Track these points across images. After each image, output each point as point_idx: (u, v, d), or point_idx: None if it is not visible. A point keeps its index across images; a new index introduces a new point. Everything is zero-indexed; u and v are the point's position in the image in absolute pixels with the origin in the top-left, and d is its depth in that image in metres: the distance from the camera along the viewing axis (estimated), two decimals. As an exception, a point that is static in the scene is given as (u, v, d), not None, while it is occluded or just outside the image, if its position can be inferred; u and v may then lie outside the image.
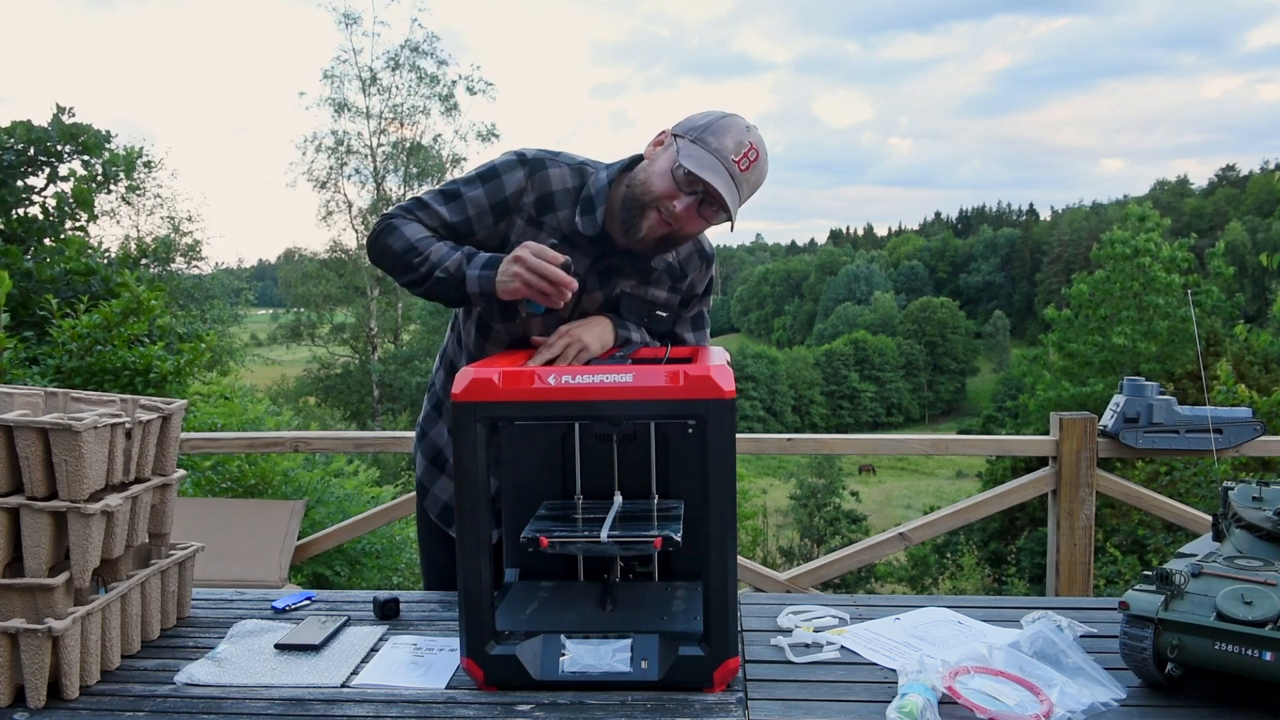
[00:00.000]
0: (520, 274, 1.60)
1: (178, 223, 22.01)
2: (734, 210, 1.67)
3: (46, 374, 4.46)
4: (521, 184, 1.76)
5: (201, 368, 5.75)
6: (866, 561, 3.84)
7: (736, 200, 1.68)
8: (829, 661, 1.50)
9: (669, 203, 1.67)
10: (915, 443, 3.74)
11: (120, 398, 1.63)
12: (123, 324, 4.79)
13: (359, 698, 1.38)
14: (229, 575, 3.63)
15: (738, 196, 1.68)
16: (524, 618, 1.49)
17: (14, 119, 5.56)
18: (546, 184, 1.77)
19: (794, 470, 34.85)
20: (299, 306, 27.55)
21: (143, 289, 5.01)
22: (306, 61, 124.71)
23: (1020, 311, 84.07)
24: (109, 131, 6.07)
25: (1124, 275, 21.70)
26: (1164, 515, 3.55)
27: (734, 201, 1.67)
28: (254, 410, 7.52)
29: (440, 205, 1.77)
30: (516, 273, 1.60)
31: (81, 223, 5.76)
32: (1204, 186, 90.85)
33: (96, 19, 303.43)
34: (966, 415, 63.58)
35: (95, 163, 5.88)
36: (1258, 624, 1.23)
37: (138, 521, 1.56)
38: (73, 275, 5.37)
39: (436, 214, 1.76)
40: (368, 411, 25.55)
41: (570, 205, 1.78)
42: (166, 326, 5.23)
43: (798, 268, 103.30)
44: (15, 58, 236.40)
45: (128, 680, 1.46)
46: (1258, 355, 12.99)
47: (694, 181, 1.65)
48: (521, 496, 1.65)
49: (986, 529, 17.96)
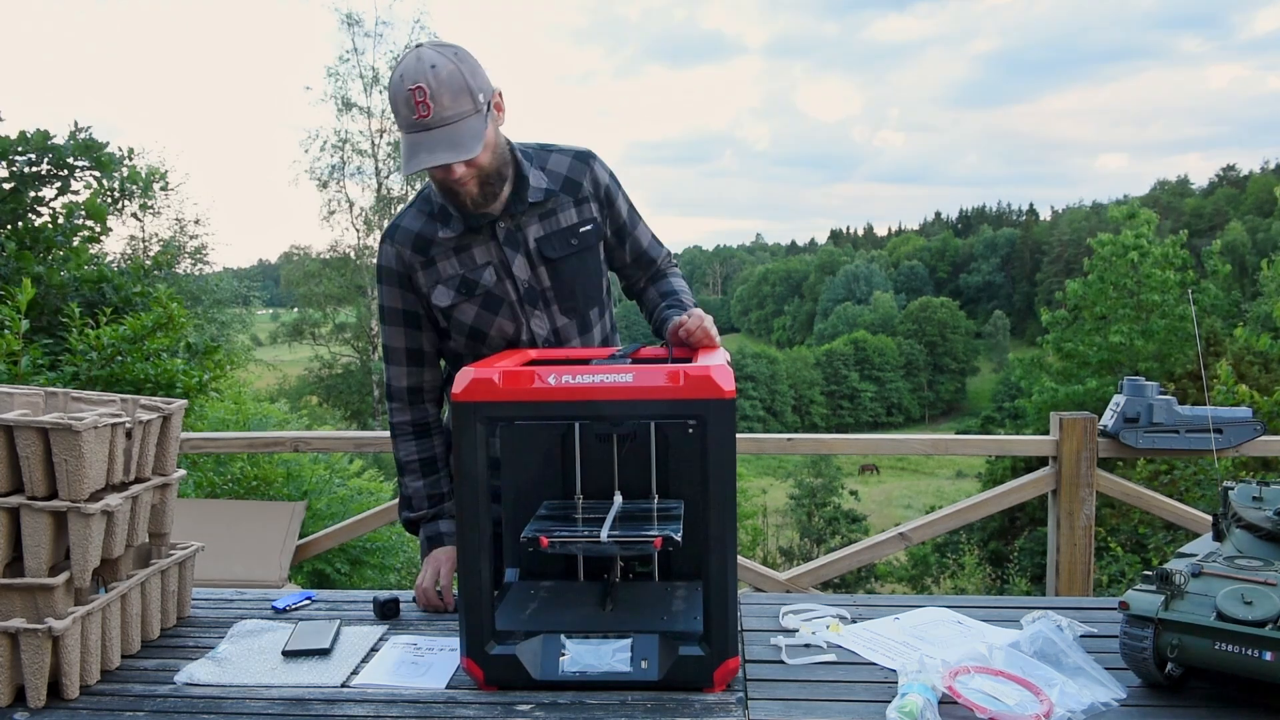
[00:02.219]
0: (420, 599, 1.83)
1: (184, 224, 22.02)
2: (452, 151, 1.66)
3: (64, 380, 4.46)
4: (393, 252, 1.89)
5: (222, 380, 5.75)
6: (866, 561, 3.84)
7: (450, 136, 1.65)
8: (829, 661, 1.50)
9: (445, 179, 1.74)
10: (915, 443, 3.74)
11: (120, 398, 1.63)
12: (149, 337, 4.80)
13: (359, 698, 1.38)
14: (229, 575, 3.63)
15: (448, 132, 1.65)
16: (524, 618, 1.49)
17: (25, 128, 5.53)
18: (408, 235, 1.88)
19: (792, 470, 34.85)
20: (301, 306, 27.58)
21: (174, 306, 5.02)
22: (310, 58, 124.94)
23: (1020, 311, 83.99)
24: (130, 149, 6.06)
25: (1116, 273, 21.70)
26: (1164, 515, 3.55)
27: (449, 145, 1.65)
28: (266, 410, 7.54)
29: (390, 340, 1.95)
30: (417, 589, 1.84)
31: (94, 233, 5.74)
32: (1204, 186, 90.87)
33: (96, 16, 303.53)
34: (966, 415, 63.56)
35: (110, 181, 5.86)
36: (1258, 624, 1.23)
37: (138, 521, 1.56)
38: (83, 282, 5.37)
39: (393, 352, 1.95)
40: (368, 411, 25.55)
41: (434, 229, 1.87)
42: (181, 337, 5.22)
43: (797, 268, 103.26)
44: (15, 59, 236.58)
45: (128, 680, 1.46)
46: (1258, 355, 12.98)
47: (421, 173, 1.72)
48: (521, 496, 1.65)
49: (986, 529, 17.96)
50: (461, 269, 1.86)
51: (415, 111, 1.64)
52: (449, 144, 1.65)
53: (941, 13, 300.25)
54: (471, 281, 1.85)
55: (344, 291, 27.03)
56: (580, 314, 1.92)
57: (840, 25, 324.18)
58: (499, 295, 1.86)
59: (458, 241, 1.86)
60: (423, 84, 1.64)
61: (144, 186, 6.46)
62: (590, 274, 1.93)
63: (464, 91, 1.67)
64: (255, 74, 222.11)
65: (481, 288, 1.85)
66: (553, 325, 1.90)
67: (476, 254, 1.86)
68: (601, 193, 1.95)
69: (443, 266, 1.86)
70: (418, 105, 1.64)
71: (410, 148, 1.67)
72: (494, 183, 1.78)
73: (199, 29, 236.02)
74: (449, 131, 1.65)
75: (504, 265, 1.86)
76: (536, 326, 1.89)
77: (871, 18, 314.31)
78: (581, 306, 1.92)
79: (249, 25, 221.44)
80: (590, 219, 1.92)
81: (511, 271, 1.86)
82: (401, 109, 1.66)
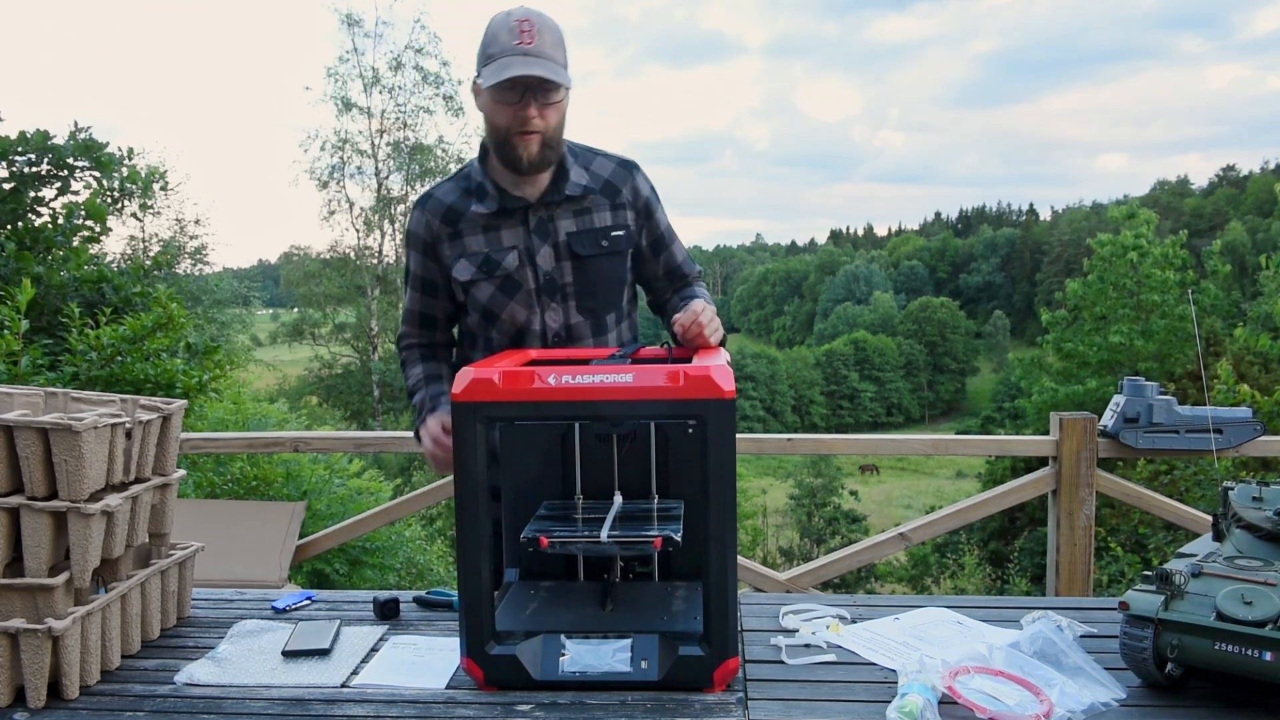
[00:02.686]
0: (429, 452, 1.87)
1: (184, 225, 22.03)
2: (555, 75, 1.72)
3: (64, 380, 4.45)
4: (422, 219, 1.94)
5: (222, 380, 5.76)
6: (866, 561, 3.84)
7: (548, 64, 1.72)
8: (829, 661, 1.50)
9: (515, 120, 1.76)
10: (915, 443, 3.74)
11: (120, 398, 1.63)
12: (149, 337, 4.80)
13: (359, 698, 1.38)
14: (229, 575, 3.63)
15: (546, 62, 1.72)
16: (524, 618, 1.49)
17: (25, 128, 5.52)
18: (440, 204, 1.93)
19: (792, 470, 34.84)
20: (301, 306, 27.58)
21: (174, 306, 5.02)
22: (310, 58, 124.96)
23: (1020, 311, 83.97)
24: (130, 149, 6.06)
25: (1116, 273, 21.71)
26: (1164, 515, 3.55)
27: (546, 68, 1.71)
28: (265, 410, 7.53)
29: (409, 302, 2.03)
30: (428, 450, 1.88)
31: (94, 233, 5.74)
32: (1204, 186, 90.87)
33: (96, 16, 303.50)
34: (966, 415, 63.55)
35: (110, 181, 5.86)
36: (1258, 624, 1.23)
37: (138, 521, 1.56)
38: (82, 282, 5.36)
39: (410, 314, 2.04)
40: (368, 411, 25.55)
41: (469, 203, 1.91)
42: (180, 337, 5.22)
43: (797, 268, 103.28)
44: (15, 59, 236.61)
45: (128, 680, 1.46)
46: (1258, 355, 12.98)
47: (509, 88, 1.73)
48: (521, 496, 1.65)
49: (986, 529, 17.96)
50: (486, 247, 1.88)
51: (520, 39, 1.70)
52: (546, 71, 1.71)
53: (941, 13, 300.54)
54: (494, 261, 1.87)
55: (344, 292, 27.03)
56: (597, 315, 1.93)
57: (840, 25, 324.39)
58: (518, 280, 1.88)
59: (488, 220, 1.89)
60: (532, 19, 1.72)
61: (144, 186, 6.46)
62: (614, 278, 1.93)
63: (560, 47, 1.77)
64: (255, 74, 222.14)
65: (502, 269, 1.87)
66: (567, 320, 1.91)
67: (504, 236, 1.88)
68: (640, 203, 1.97)
69: (469, 241, 1.89)
70: (523, 34, 1.71)
71: (505, 64, 1.71)
72: (552, 149, 1.82)
73: (199, 29, 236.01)
74: (546, 63, 1.72)
75: (529, 252, 1.88)
76: (550, 319, 1.90)
77: (871, 18, 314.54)
78: (599, 308, 1.92)
79: (249, 25, 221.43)
80: (624, 225, 1.94)
81: (535, 260, 1.88)
82: (503, 36, 1.72)
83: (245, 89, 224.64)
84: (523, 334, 1.91)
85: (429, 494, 3.83)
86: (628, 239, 1.94)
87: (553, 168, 1.87)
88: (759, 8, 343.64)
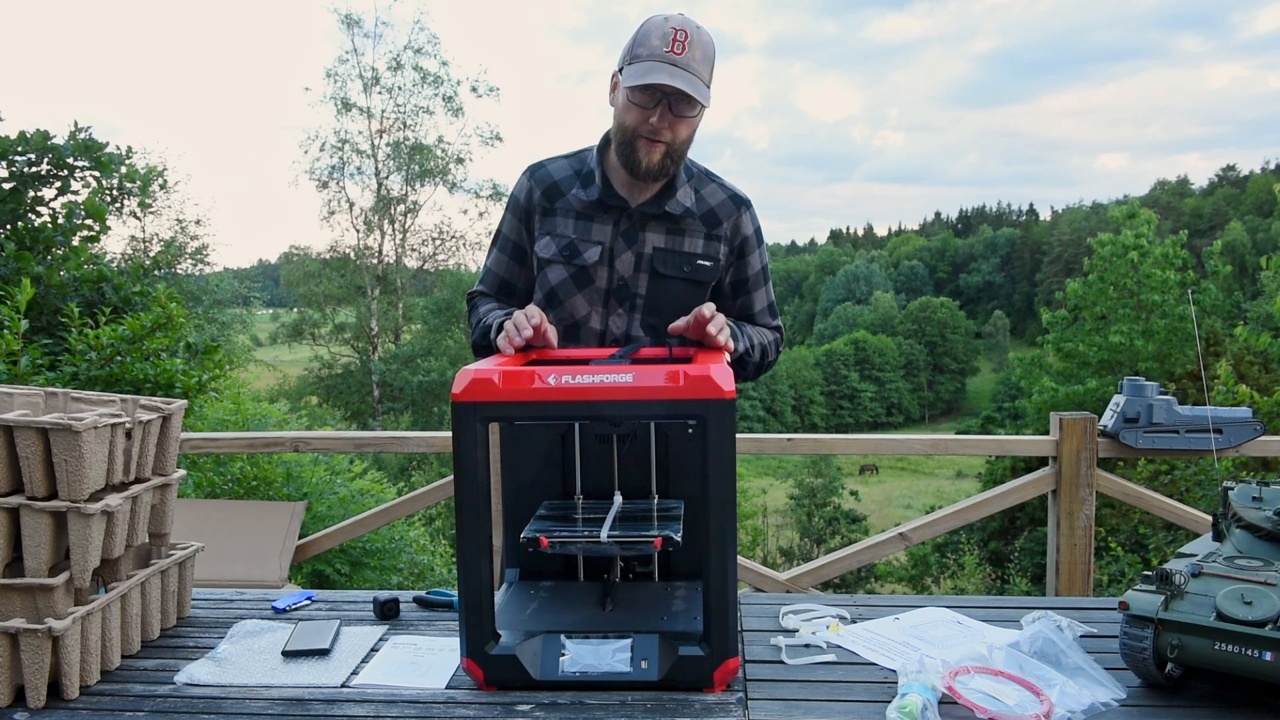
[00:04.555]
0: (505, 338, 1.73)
1: (184, 225, 22.04)
2: (696, 91, 1.71)
3: (63, 380, 4.45)
4: (526, 185, 1.95)
5: (222, 380, 5.76)
6: (866, 561, 3.84)
7: (692, 80, 1.71)
8: (829, 661, 1.50)
9: (644, 125, 1.75)
10: (915, 443, 3.74)
11: (120, 398, 1.63)
12: (149, 337, 4.80)
13: (359, 698, 1.38)
14: (229, 575, 3.63)
15: (691, 77, 1.71)
16: (524, 618, 1.49)
17: (25, 128, 5.53)
18: (547, 177, 1.94)
19: (792, 470, 34.84)
20: (301, 306, 27.59)
21: (174, 306, 5.02)
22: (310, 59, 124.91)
23: (1020, 311, 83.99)
24: (129, 148, 6.07)
25: (1116, 273, 21.71)
26: (1164, 515, 3.55)
27: (690, 83, 1.70)
28: (265, 410, 7.53)
29: (493, 264, 2.03)
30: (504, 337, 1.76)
31: (94, 232, 5.74)
32: (1204, 186, 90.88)
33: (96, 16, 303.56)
34: (966, 415, 63.54)
35: (109, 180, 5.86)
36: (1258, 624, 1.23)
37: (138, 521, 1.56)
38: (82, 282, 5.37)
39: (489, 276, 2.03)
40: (368, 411, 25.56)
41: (574, 186, 1.92)
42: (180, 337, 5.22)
43: (798, 268, 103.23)
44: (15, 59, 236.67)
45: (128, 680, 1.46)
46: (1258, 355, 12.99)
47: (647, 92, 1.72)
48: (521, 496, 1.65)
49: (986, 529, 17.97)
50: (574, 234, 1.89)
51: (671, 47, 1.69)
52: (688, 85, 1.70)
53: (941, 12, 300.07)
54: (576, 250, 1.88)
55: (344, 292, 27.06)
56: (658, 331, 1.91)
57: (839, 25, 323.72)
58: (591, 276, 1.88)
59: (584, 208, 1.89)
60: (688, 30, 1.70)
61: (143, 184, 6.47)
62: (687, 303, 1.86)
63: (708, 64, 1.75)
64: (255, 75, 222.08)
65: (581, 260, 1.88)
66: (628, 330, 1.90)
67: (594, 229, 1.89)
68: (738, 241, 1.95)
69: (560, 222, 1.90)
70: (675, 43, 1.69)
71: (650, 68, 1.69)
72: (673, 162, 1.82)
73: (199, 29, 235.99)
74: (691, 78, 1.70)
75: (611, 252, 1.88)
76: (614, 324, 1.90)
77: (870, 17, 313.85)
78: (663, 325, 1.89)
79: (249, 26, 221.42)
80: (713, 257, 1.92)
81: (614, 262, 1.88)
82: (654, 40, 1.70)
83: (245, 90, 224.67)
84: (578, 328, 1.91)
85: (429, 494, 3.83)
86: (713, 271, 1.92)
87: (666, 180, 1.86)
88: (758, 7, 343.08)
